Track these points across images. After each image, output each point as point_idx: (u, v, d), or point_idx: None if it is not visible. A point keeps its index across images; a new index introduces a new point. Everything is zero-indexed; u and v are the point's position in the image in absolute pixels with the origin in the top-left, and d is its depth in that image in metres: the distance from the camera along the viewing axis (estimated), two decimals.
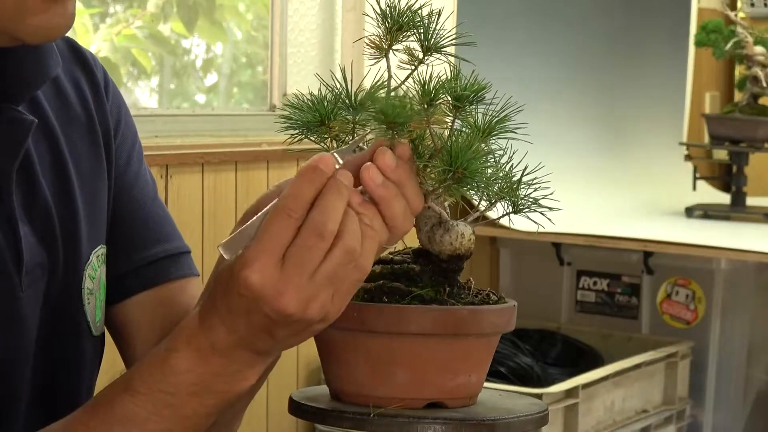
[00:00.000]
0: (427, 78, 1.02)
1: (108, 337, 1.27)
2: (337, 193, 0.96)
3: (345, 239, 0.96)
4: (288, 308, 0.96)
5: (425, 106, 1.01)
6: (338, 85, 1.04)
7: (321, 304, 0.96)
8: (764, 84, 3.75)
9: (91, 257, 1.20)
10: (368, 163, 0.99)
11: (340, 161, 0.99)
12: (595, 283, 3.72)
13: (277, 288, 0.95)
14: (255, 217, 0.98)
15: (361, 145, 1.02)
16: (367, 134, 1.02)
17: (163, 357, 1.02)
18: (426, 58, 1.05)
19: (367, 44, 1.05)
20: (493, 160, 1.02)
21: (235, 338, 1.00)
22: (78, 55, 1.26)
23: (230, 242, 0.98)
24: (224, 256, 0.98)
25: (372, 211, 0.99)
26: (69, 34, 1.26)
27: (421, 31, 1.04)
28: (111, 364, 1.32)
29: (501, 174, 1.03)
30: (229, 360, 1.01)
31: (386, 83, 1.04)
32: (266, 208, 0.98)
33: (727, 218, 3.81)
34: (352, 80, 1.04)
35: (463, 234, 1.04)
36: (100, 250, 1.22)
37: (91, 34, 3.01)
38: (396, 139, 1.00)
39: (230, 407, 1.05)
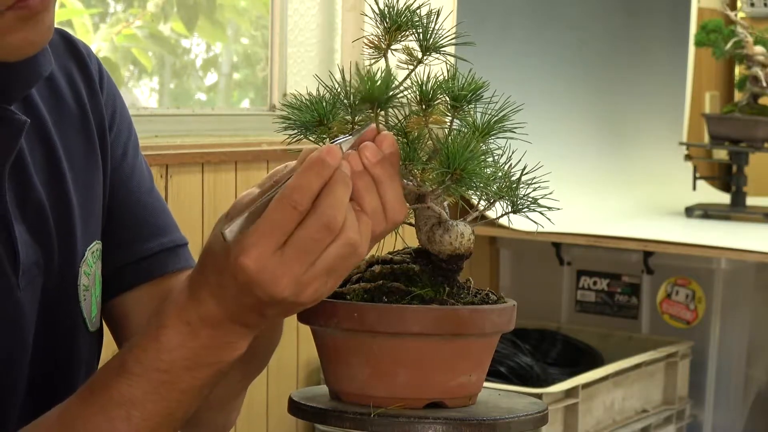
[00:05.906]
0: (425, 79, 1.02)
1: (107, 332, 1.27)
2: (344, 186, 0.97)
3: (347, 232, 0.97)
4: (283, 293, 0.96)
5: (423, 107, 1.01)
6: (336, 85, 1.03)
7: (315, 289, 0.97)
8: (764, 84, 3.75)
9: (86, 253, 1.20)
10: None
11: (344, 150, 0.99)
12: (595, 283, 3.72)
13: (275, 274, 0.96)
14: (259, 202, 0.98)
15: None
16: (369, 125, 1.02)
17: (154, 335, 1.02)
18: (425, 58, 1.04)
19: (366, 44, 1.05)
20: (491, 159, 1.02)
21: (225, 312, 1.00)
22: (71, 47, 1.25)
23: (234, 228, 0.98)
24: (227, 239, 0.98)
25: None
26: (69, 32, 1.26)
27: (420, 30, 1.04)
28: None
29: (500, 174, 1.03)
30: (219, 332, 1.01)
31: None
32: (269, 193, 0.98)
33: (727, 218, 3.81)
34: (345, 81, 1.04)
35: (463, 234, 1.04)
36: (95, 246, 1.21)
37: (91, 34, 3.01)
38: (382, 120, 0.99)
39: (223, 377, 1.05)
